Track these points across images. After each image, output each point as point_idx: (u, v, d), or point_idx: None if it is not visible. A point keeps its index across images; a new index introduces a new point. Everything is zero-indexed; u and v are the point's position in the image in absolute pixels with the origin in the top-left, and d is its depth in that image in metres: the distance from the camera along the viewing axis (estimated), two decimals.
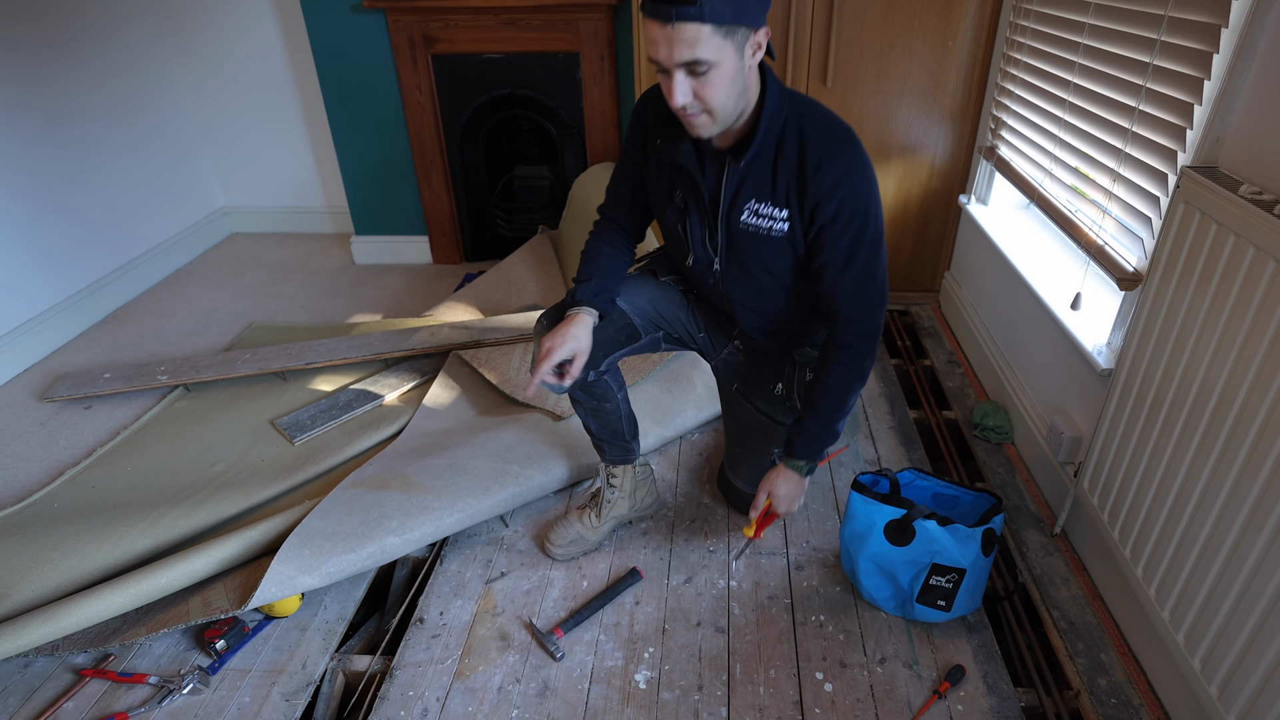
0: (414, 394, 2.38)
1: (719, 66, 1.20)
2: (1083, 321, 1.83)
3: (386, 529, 1.68)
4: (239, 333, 2.93)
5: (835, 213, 1.37)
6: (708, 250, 1.54)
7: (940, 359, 2.62)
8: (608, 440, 1.78)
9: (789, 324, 1.64)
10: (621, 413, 1.76)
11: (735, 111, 1.31)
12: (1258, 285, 1.17)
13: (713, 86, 1.22)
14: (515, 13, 2.92)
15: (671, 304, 1.72)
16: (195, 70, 3.50)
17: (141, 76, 3.27)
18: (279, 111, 3.59)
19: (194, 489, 1.99)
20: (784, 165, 1.38)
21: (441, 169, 3.27)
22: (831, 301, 1.47)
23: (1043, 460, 1.97)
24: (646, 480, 1.88)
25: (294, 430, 2.21)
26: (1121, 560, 1.53)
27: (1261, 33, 1.27)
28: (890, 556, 1.57)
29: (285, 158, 3.71)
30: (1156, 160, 1.53)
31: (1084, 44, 1.82)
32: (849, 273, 1.43)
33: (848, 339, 1.48)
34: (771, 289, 1.56)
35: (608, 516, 1.82)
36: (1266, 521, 1.13)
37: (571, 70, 3.04)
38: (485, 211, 3.46)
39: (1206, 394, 1.28)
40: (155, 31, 3.36)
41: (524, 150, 3.43)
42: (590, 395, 1.69)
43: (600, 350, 1.60)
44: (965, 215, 2.67)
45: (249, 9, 3.36)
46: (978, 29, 2.50)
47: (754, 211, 1.44)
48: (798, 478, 1.59)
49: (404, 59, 3.05)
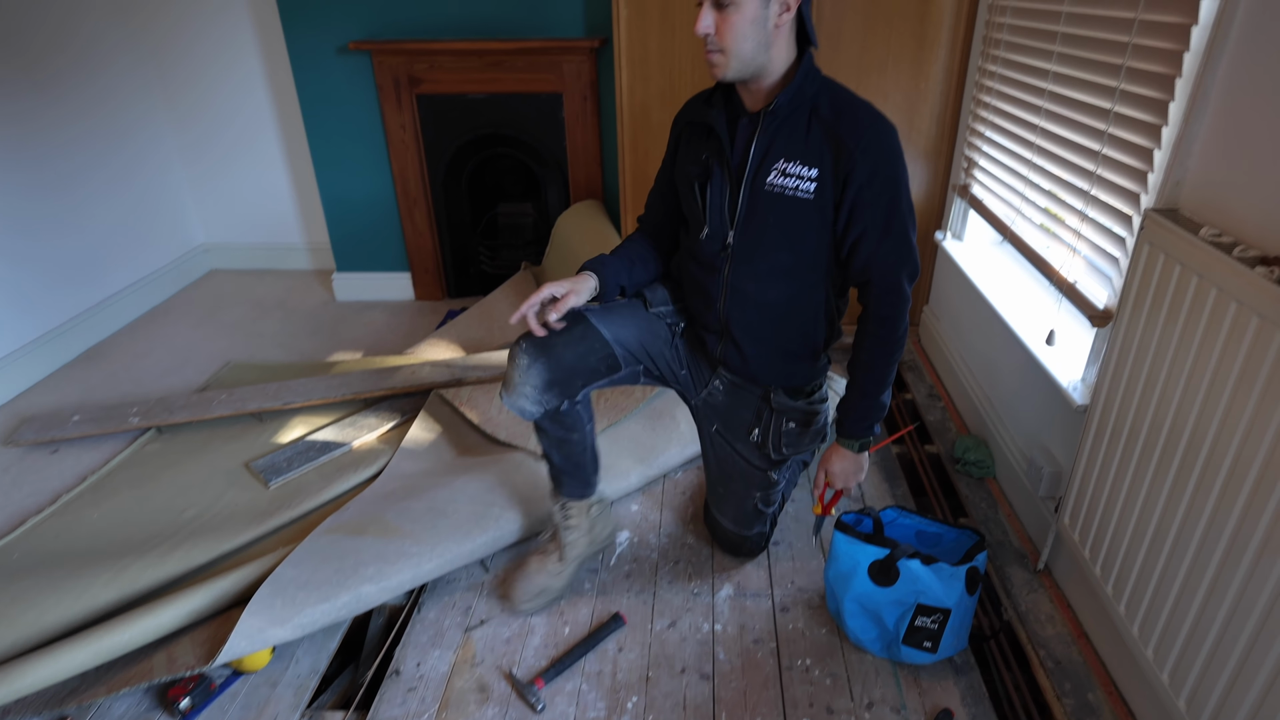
0: (394, 434, 2.36)
1: (741, 7, 1.33)
2: (1058, 357, 1.84)
3: (363, 577, 1.65)
4: (215, 372, 2.90)
5: (871, 174, 1.41)
6: (724, 219, 1.55)
7: (921, 392, 2.63)
8: (569, 473, 1.74)
9: (779, 336, 1.62)
10: (588, 445, 1.73)
11: (752, 60, 1.39)
12: (1222, 325, 1.18)
13: (731, 24, 1.35)
14: (500, 55, 2.95)
15: (657, 338, 1.72)
16: (178, 107, 3.51)
17: (123, 113, 3.27)
18: (261, 148, 3.59)
19: (163, 537, 1.94)
20: (817, 125, 1.43)
21: (425, 206, 3.28)
22: (867, 273, 1.48)
23: (1024, 495, 1.98)
24: (603, 513, 1.83)
25: (269, 474, 2.18)
26: (1104, 597, 1.53)
27: (1213, 82, 1.31)
28: (875, 597, 1.56)
29: (267, 194, 3.71)
30: (1121, 202, 1.56)
31: (1049, 89, 1.86)
32: (889, 238, 1.45)
33: (884, 311, 1.50)
34: (778, 275, 1.55)
35: (570, 559, 1.77)
36: (1243, 557, 1.13)
37: (555, 110, 3.07)
38: (468, 248, 3.47)
39: (1179, 431, 1.30)
40: (138, 67, 3.36)
41: (508, 187, 3.45)
42: (559, 424, 1.66)
43: (578, 379, 1.59)
44: (942, 251, 2.70)
45: (234, 47, 3.38)
46: (948, 72, 2.55)
47: (782, 171, 1.46)
48: (853, 455, 1.62)
49: (389, 99, 3.07)
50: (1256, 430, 1.11)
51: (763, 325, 1.61)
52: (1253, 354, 1.11)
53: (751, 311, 1.60)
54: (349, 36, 3.03)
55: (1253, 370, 1.11)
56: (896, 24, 2.50)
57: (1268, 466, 1.09)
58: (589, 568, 1.88)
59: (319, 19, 3.01)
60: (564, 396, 1.59)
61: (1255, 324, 1.10)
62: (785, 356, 1.66)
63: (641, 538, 1.98)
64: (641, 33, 2.62)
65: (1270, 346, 1.07)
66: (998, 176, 2.21)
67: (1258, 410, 1.11)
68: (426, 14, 2.98)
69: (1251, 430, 1.12)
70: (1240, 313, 1.14)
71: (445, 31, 3.00)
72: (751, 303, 1.59)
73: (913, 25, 2.50)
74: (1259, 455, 1.10)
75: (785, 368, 1.68)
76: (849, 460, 1.63)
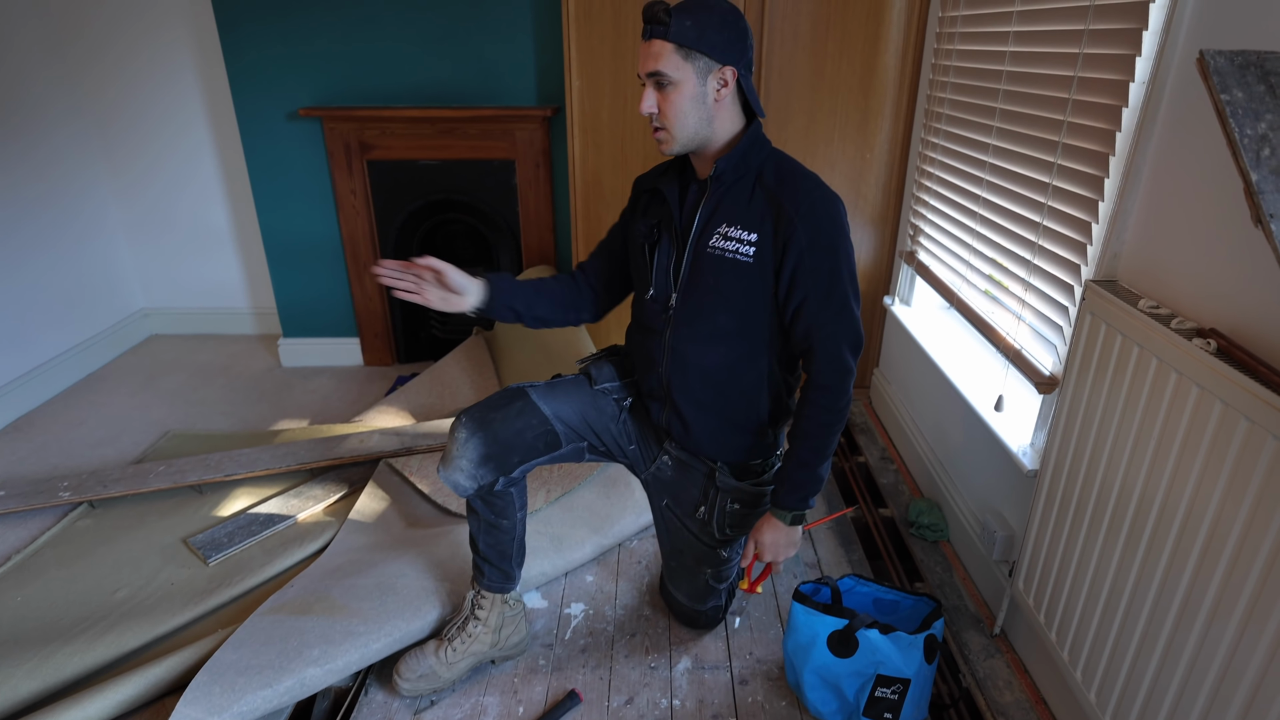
0: (341, 506, 2.29)
1: (680, 86, 1.39)
2: (1007, 422, 1.88)
3: (307, 659, 1.58)
4: (153, 442, 2.79)
5: (811, 242, 1.42)
6: (669, 281, 1.56)
7: (874, 455, 2.65)
8: (491, 562, 1.67)
9: (720, 403, 1.60)
10: (515, 535, 1.68)
11: (695, 135, 1.44)
12: (1164, 393, 1.22)
13: (672, 102, 1.40)
14: (452, 122, 2.97)
15: (603, 414, 1.70)
16: (123, 175, 3.45)
17: (64, 177, 3.20)
18: (206, 212, 3.54)
19: (93, 620, 1.84)
20: (761, 191, 1.47)
21: None
22: (809, 340, 1.48)
23: (979, 558, 1.99)
24: (516, 618, 1.75)
25: (208, 549, 2.08)
26: (1060, 662, 1.53)
27: (1145, 161, 1.38)
28: (834, 669, 1.54)
29: (211, 258, 3.64)
30: (1062, 272, 1.61)
31: (989, 162, 1.94)
32: (829, 306, 1.46)
33: (826, 379, 1.49)
34: (719, 339, 1.54)
35: (465, 652, 1.67)
36: (1195, 620, 1.15)
37: (507, 177, 3.10)
38: (419, 313, 3.44)
39: (1128, 496, 1.32)
40: (83, 133, 3.31)
41: (460, 252, 3.44)
42: (489, 507, 1.62)
43: (515, 455, 1.56)
44: (891, 315, 2.77)
45: (182, 114, 3.34)
46: (892, 143, 2.65)
47: (724, 235, 1.48)
48: (785, 527, 1.58)
49: (339, 165, 3.06)
50: (1202, 495, 1.13)
51: (704, 390, 1.60)
52: (1194, 422, 1.15)
53: (693, 375, 1.59)
54: (299, 103, 3.03)
55: (1195, 437, 1.15)
56: (842, 97, 2.60)
57: (1214, 530, 1.11)
58: (543, 642, 1.83)
59: (269, 86, 3.01)
60: (499, 472, 1.56)
61: (1195, 394, 1.14)
62: (729, 426, 1.63)
63: (597, 610, 1.94)
64: (594, 102, 2.67)
65: (1210, 416, 1.11)
66: (943, 244, 2.28)
67: (1202, 476, 1.13)
68: (379, 81, 3.00)
69: (1198, 495, 1.15)
70: (1181, 382, 1.17)
71: (398, 99, 3.02)
72: (693, 366, 1.58)
73: (856, 99, 2.60)
74: (1206, 519, 1.12)
75: (728, 439, 1.65)
76: (780, 532, 1.59)
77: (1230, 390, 1.06)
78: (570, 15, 2.56)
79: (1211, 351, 1.11)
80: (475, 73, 2.99)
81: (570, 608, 1.95)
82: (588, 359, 1.79)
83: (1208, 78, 0.78)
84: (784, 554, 1.61)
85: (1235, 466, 1.07)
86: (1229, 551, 1.08)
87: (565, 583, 2.03)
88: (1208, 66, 0.78)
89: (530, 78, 2.99)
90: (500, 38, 2.93)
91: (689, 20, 1.36)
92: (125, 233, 3.57)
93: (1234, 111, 0.76)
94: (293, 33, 2.93)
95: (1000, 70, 1.88)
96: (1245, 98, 0.76)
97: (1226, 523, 1.09)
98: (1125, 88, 1.38)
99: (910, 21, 2.49)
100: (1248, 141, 0.75)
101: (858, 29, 2.52)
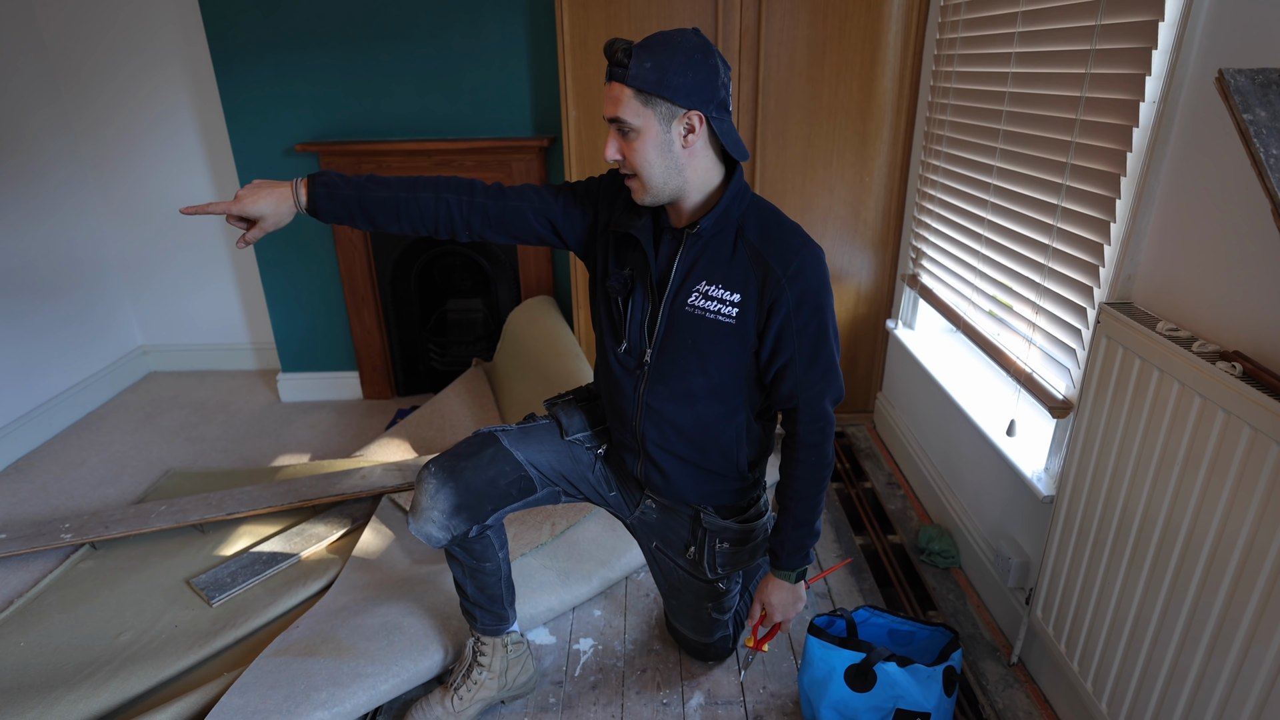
0: (344, 543, 2.25)
1: (642, 133, 1.30)
2: (1020, 447, 1.85)
3: (315, 703, 1.54)
4: (154, 481, 2.75)
5: (799, 303, 1.37)
6: (644, 336, 1.49)
7: (880, 480, 2.62)
8: (482, 606, 1.63)
9: (698, 456, 1.55)
10: (501, 574, 1.63)
11: (665, 184, 1.35)
12: (1187, 418, 1.20)
13: (635, 150, 1.31)
14: (448, 154, 2.97)
15: (578, 463, 1.65)
16: (120, 213, 3.44)
17: (62, 218, 3.19)
18: (204, 249, 3.53)
19: (97, 665, 1.80)
20: (744, 249, 1.39)
21: (373, 304, 3.24)
22: (794, 399, 1.44)
23: (993, 585, 1.96)
24: (521, 658, 1.70)
25: (211, 590, 2.05)
26: (1084, 692, 1.50)
27: (1158, 181, 1.37)
28: (852, 704, 1.50)
29: (209, 294, 3.63)
30: (1074, 295, 1.59)
31: (993, 184, 1.93)
32: (815, 366, 1.42)
33: (813, 437, 1.46)
34: (695, 398, 1.48)
35: (473, 699, 1.64)
36: (1230, 646, 1.12)
37: None
38: (418, 345, 3.42)
39: (1151, 521, 1.30)
40: (80, 172, 3.30)
41: (457, 283, 3.43)
42: (469, 553, 1.57)
43: (488, 503, 1.52)
44: (894, 339, 2.75)
45: (178, 151, 3.34)
46: (891, 166, 2.65)
47: (704, 294, 1.41)
48: (789, 585, 1.55)
49: None
50: (1233, 521, 1.11)
51: (680, 445, 1.54)
52: (1222, 447, 1.13)
53: (668, 431, 1.53)
54: (295, 138, 3.03)
55: (1223, 463, 1.12)
56: (839, 119, 2.60)
57: (1249, 554, 1.08)
58: (553, 680, 1.79)
59: (265, 122, 3.01)
60: (473, 521, 1.51)
61: (1222, 418, 1.12)
62: (708, 476, 1.58)
63: (606, 645, 1.90)
64: (590, 132, 2.67)
65: (1238, 440, 1.09)
66: (947, 266, 2.27)
67: (1232, 501, 1.11)
68: (374, 115, 3.01)
69: (1227, 521, 1.12)
70: (1205, 407, 1.15)
71: (393, 132, 3.02)
72: (667, 423, 1.52)
73: (854, 122, 2.60)
74: (1237, 545, 1.10)
75: (709, 488, 1.60)
76: (786, 591, 1.56)
77: (1258, 414, 1.04)
78: (566, 46, 2.57)
79: (1237, 375, 1.09)
80: (471, 104, 3.00)
81: (579, 643, 1.91)
82: (556, 400, 1.73)
83: (1229, 97, 0.77)
84: (793, 611, 1.58)
85: (1268, 492, 1.04)
86: (1264, 579, 1.06)
87: (573, 618, 1.99)
88: (1228, 86, 0.77)
89: (526, 109, 3.00)
90: (495, 69, 2.94)
91: (649, 62, 1.25)
92: (123, 271, 3.56)
93: (1258, 131, 0.75)
94: (288, 69, 2.94)
95: (1003, 92, 1.88)
96: (1269, 117, 0.75)
97: (1261, 549, 1.06)
98: (1135, 107, 1.37)
99: (907, 45, 2.50)
100: (1274, 161, 0.73)
101: (854, 53, 2.53)
